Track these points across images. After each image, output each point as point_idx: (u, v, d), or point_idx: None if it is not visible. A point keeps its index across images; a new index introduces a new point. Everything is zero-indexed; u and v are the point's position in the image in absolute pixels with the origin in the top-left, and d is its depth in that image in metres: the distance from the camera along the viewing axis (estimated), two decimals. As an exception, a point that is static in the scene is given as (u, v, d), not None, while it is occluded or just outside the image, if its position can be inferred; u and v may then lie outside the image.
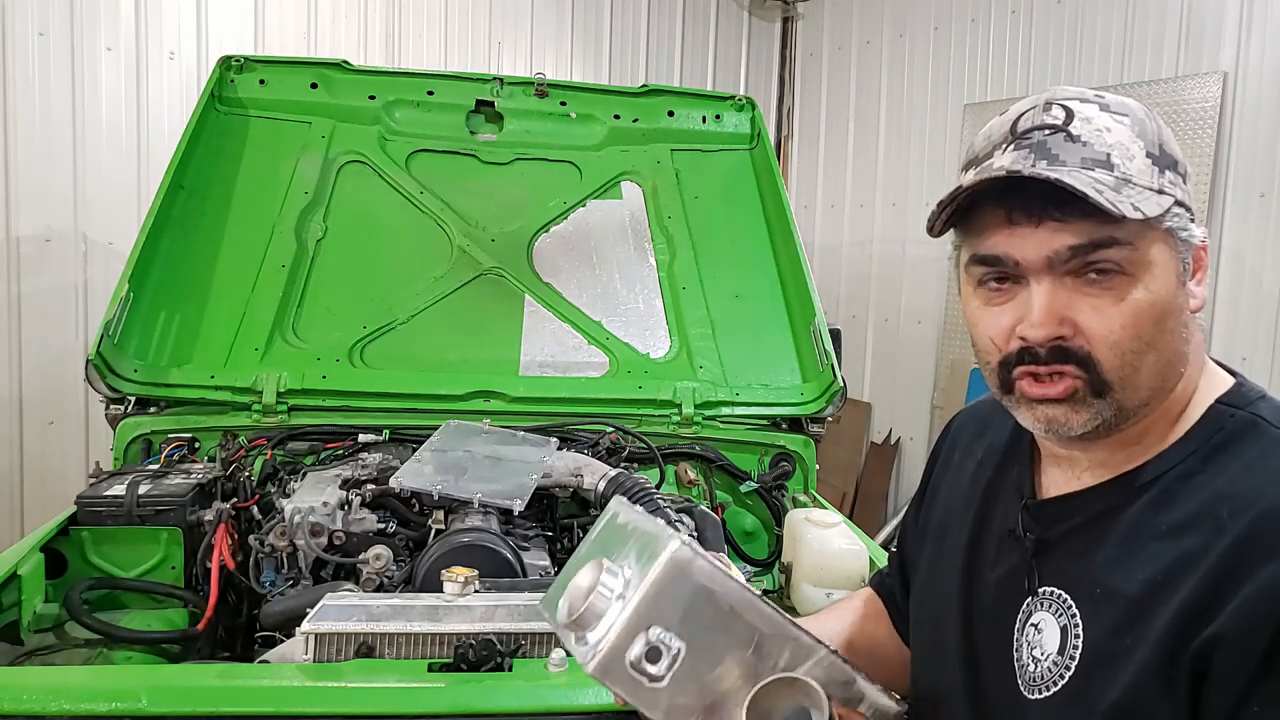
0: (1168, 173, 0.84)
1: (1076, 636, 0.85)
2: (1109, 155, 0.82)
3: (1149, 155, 0.83)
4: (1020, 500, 0.97)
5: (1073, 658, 0.85)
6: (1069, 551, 0.90)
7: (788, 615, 0.88)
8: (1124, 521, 0.86)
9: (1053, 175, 0.79)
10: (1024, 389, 0.86)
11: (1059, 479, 0.95)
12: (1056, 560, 0.91)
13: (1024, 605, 0.92)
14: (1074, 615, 0.86)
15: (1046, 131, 0.84)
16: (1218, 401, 0.88)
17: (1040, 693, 0.87)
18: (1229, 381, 0.90)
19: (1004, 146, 0.86)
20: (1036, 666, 0.88)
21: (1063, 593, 0.89)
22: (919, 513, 1.17)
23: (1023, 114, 0.87)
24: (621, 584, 0.86)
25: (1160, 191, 0.82)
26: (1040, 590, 0.91)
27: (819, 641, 0.88)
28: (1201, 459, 0.85)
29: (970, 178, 0.86)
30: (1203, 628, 0.76)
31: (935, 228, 0.89)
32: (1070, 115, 0.84)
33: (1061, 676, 0.86)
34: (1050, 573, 0.91)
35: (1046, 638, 0.88)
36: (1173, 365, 0.86)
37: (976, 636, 0.97)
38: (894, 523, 5.38)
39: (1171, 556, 0.81)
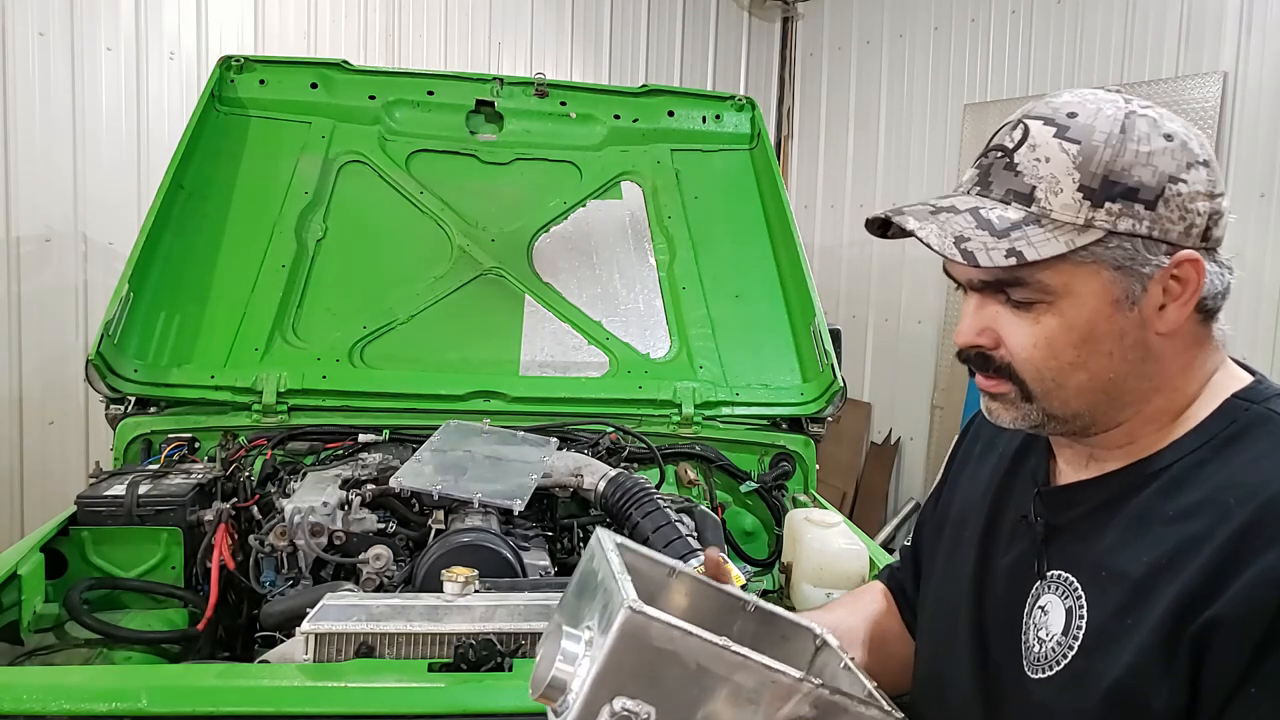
0: (1110, 204, 0.83)
1: (1081, 618, 0.87)
2: (1034, 189, 0.86)
3: (1082, 188, 0.84)
4: (1034, 488, 0.99)
5: (1076, 638, 0.87)
6: (1077, 536, 0.92)
7: (763, 659, 0.84)
8: (1132, 507, 0.88)
9: (910, 225, 0.88)
10: (976, 378, 0.94)
11: (1071, 468, 0.97)
12: (1065, 544, 0.93)
13: (1033, 589, 0.94)
14: (1079, 597, 0.88)
15: (999, 154, 0.89)
16: (1234, 396, 0.89)
17: (1043, 672, 0.89)
18: (1247, 379, 0.92)
19: (975, 159, 0.93)
20: (1041, 647, 0.90)
21: (1070, 575, 0.90)
22: (937, 505, 1.19)
23: (1002, 127, 0.92)
24: (583, 648, 0.83)
25: (1087, 225, 0.83)
26: (1048, 574, 0.93)
27: (801, 678, 0.85)
28: (1213, 450, 0.86)
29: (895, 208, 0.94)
30: (1203, 609, 0.78)
31: (883, 235, 0.98)
32: (1024, 138, 0.88)
33: (1064, 656, 0.87)
34: (1058, 557, 0.93)
35: (1052, 619, 0.90)
36: (1120, 383, 0.88)
37: (987, 620, 0.99)
38: (894, 523, 5.38)
39: (1176, 540, 0.82)
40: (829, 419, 2.68)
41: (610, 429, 2.51)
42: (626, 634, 0.79)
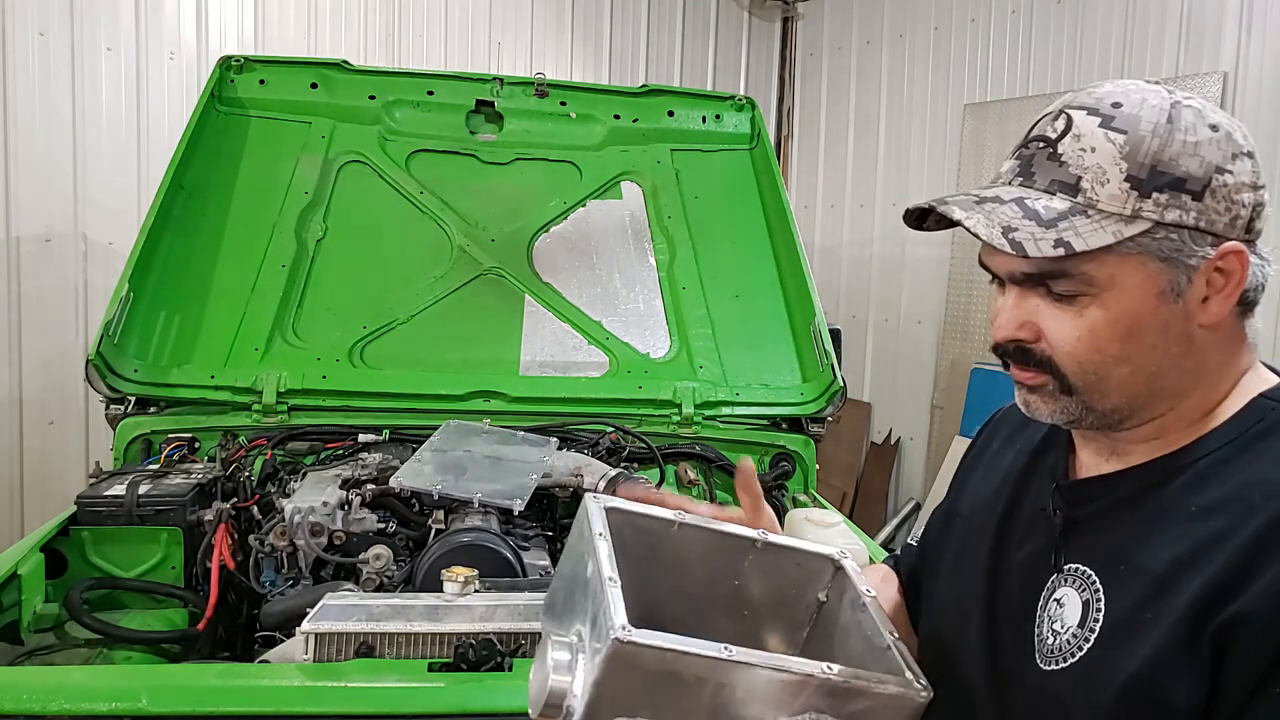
0: (1158, 194, 0.83)
1: (1098, 610, 0.86)
2: (1080, 179, 0.84)
3: (1129, 178, 0.83)
4: (1053, 482, 0.98)
5: (1093, 630, 0.86)
6: (1097, 529, 0.91)
7: (769, 658, 0.80)
8: (1155, 502, 0.87)
9: (956, 214, 0.85)
10: (1012, 370, 0.93)
11: (1092, 462, 0.96)
12: (1083, 537, 0.92)
13: (1049, 582, 0.93)
14: (1097, 590, 0.87)
15: (1040, 144, 0.88)
16: (1261, 395, 0.89)
17: (1057, 664, 0.88)
18: (1275, 380, 0.91)
19: (1013, 151, 0.91)
20: (1055, 639, 0.89)
21: (1088, 569, 0.89)
22: (948, 500, 1.19)
23: (1041, 118, 0.90)
24: (573, 655, 0.80)
25: (1134, 216, 0.82)
26: (1065, 567, 0.92)
27: (811, 672, 0.81)
28: (1238, 447, 0.86)
29: (937, 198, 0.91)
30: (1227, 605, 0.77)
31: (919, 227, 0.95)
32: (1067, 129, 0.86)
33: (1080, 649, 0.86)
34: (1076, 550, 0.92)
35: (1068, 611, 0.89)
36: (1161, 377, 0.87)
37: (998, 613, 0.98)
38: (894, 523, 5.39)
39: (1199, 535, 0.82)
40: (829, 419, 2.68)
41: (610, 429, 2.51)
42: (618, 664, 0.76)
